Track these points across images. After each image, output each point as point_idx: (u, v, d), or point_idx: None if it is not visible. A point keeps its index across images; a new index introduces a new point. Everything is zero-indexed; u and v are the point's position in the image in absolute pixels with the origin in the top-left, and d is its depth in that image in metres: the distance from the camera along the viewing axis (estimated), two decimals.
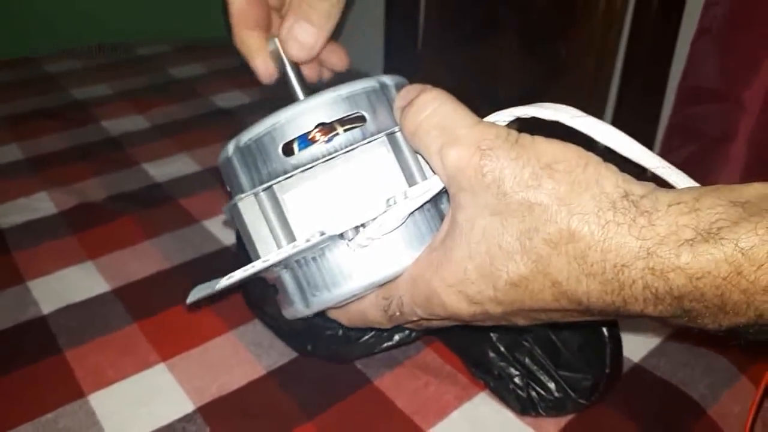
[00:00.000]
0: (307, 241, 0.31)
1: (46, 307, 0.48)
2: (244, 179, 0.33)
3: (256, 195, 0.32)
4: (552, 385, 0.39)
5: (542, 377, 0.39)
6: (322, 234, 0.31)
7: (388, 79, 0.34)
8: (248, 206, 0.32)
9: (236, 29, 0.36)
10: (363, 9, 1.12)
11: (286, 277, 0.33)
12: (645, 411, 0.40)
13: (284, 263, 0.33)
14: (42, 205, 0.61)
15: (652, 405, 0.41)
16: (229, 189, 0.35)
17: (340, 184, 0.31)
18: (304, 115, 0.31)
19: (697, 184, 0.29)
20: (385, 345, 0.42)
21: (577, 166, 0.27)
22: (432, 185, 0.30)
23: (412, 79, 0.35)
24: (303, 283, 0.33)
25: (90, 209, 0.60)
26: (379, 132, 0.32)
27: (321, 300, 0.33)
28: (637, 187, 0.26)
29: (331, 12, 0.36)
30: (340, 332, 0.42)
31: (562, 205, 0.26)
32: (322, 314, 0.36)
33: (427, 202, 0.31)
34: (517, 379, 0.40)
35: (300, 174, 0.31)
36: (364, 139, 0.31)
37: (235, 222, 0.33)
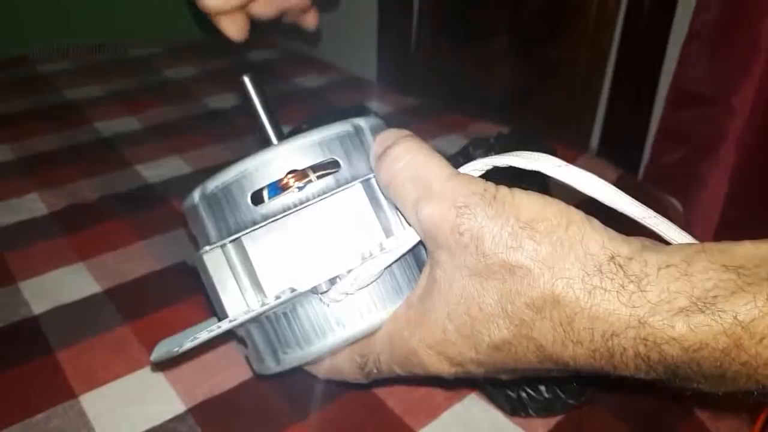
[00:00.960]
0: (277, 298, 0.29)
1: (37, 308, 0.48)
2: (210, 229, 0.31)
3: (222, 247, 0.30)
4: (542, 386, 0.39)
5: (532, 378, 0.40)
6: (293, 290, 0.29)
7: (363, 122, 0.32)
8: (214, 258, 0.30)
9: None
10: (356, 14, 1.13)
11: (256, 333, 0.32)
12: (634, 412, 0.41)
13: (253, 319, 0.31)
14: (33, 205, 0.61)
15: (642, 406, 0.41)
16: (194, 234, 0.33)
17: (313, 235, 0.29)
18: (274, 161, 0.29)
19: (684, 233, 0.28)
20: None
21: (558, 226, 0.25)
22: (410, 237, 0.29)
23: (406, 84, 0.35)
24: (273, 340, 0.31)
25: (82, 210, 0.60)
26: (354, 179, 0.30)
27: (292, 357, 0.31)
28: (624, 247, 0.25)
29: None
30: None
31: (544, 268, 0.25)
32: (297, 368, 0.34)
33: (404, 255, 0.30)
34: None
35: (269, 224, 0.29)
36: (338, 186, 0.30)
37: (201, 275, 0.31)
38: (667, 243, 0.27)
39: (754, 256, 0.23)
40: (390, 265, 0.30)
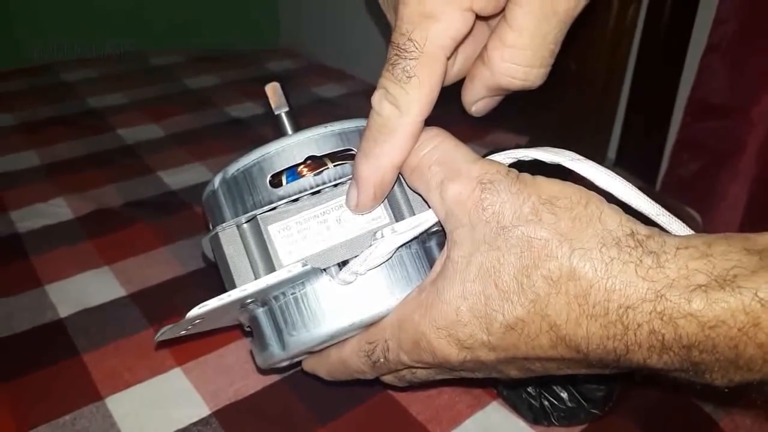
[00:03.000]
0: (289, 272, 0.29)
1: (64, 311, 0.48)
2: (227, 211, 0.31)
3: (238, 226, 0.31)
4: (564, 395, 0.39)
5: (555, 387, 0.39)
6: (305, 265, 0.29)
7: None
8: (229, 237, 0.31)
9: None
10: (374, 24, 1.14)
11: (262, 317, 0.32)
12: (657, 422, 0.41)
13: (262, 299, 0.31)
14: (59, 210, 0.62)
15: (665, 416, 0.41)
16: (210, 223, 0.33)
17: (326, 217, 0.31)
18: (294, 147, 0.31)
19: (689, 230, 0.28)
20: None
21: (578, 203, 0.26)
22: (421, 221, 0.30)
23: None
24: (280, 322, 0.31)
25: (106, 215, 0.61)
26: None
27: (299, 341, 0.31)
28: (642, 228, 0.25)
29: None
30: None
31: (563, 240, 0.25)
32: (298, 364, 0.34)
33: (415, 238, 0.30)
34: (529, 389, 0.40)
35: (285, 206, 0.31)
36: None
37: (214, 254, 0.32)
38: None
39: None
40: (400, 248, 0.30)
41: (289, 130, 0.34)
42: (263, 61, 1.08)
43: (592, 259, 0.24)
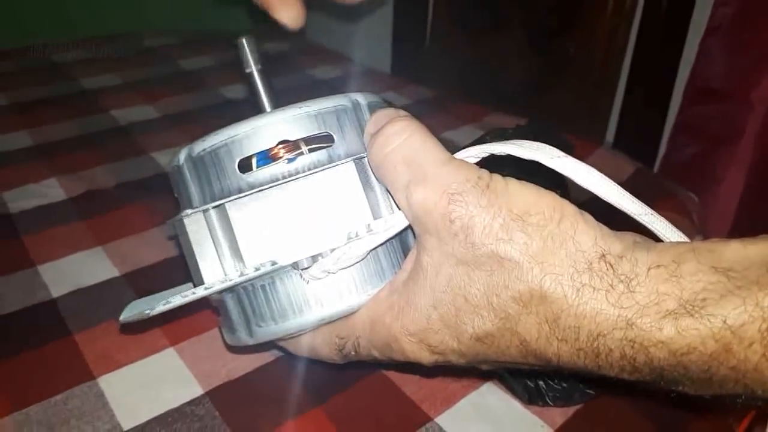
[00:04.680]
0: (257, 269, 0.28)
1: (56, 291, 0.48)
2: (194, 192, 0.30)
3: (205, 212, 0.29)
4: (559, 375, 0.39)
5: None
6: (274, 264, 0.28)
7: (361, 98, 0.31)
8: (195, 223, 0.29)
9: None
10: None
11: (230, 303, 0.31)
12: (652, 401, 0.40)
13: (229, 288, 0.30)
14: (51, 191, 0.61)
15: (659, 396, 0.41)
16: (178, 199, 0.32)
17: (299, 210, 0.29)
18: (265, 129, 0.28)
19: (678, 232, 0.28)
20: None
21: (551, 219, 0.25)
22: (398, 221, 0.28)
23: (420, 75, 0.35)
24: (248, 312, 0.30)
25: (99, 196, 0.61)
26: (347, 155, 0.29)
27: (266, 332, 0.30)
28: (616, 245, 0.24)
29: None
30: None
31: (534, 263, 0.24)
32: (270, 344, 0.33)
33: (392, 238, 0.29)
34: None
35: (255, 194, 0.28)
36: (330, 161, 0.29)
37: (179, 238, 0.30)
38: (659, 240, 0.27)
39: (743, 258, 0.23)
40: (375, 248, 0.29)
41: (261, 92, 0.33)
42: (259, 42, 1.07)
43: (563, 284, 0.24)
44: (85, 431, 0.37)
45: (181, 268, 0.51)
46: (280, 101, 0.33)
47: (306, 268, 0.29)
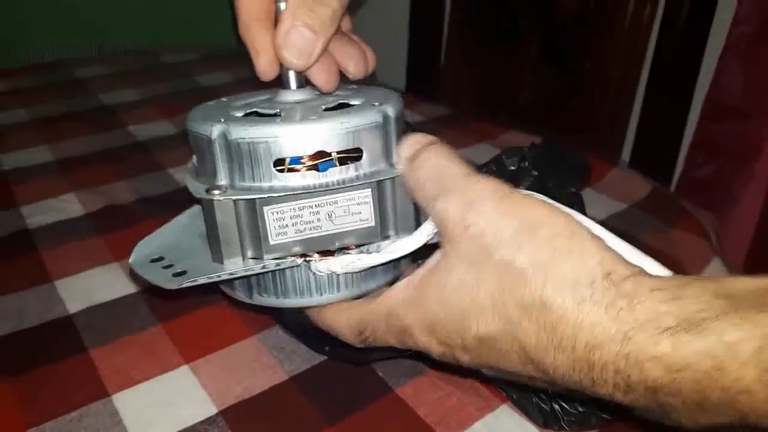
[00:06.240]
0: (277, 264, 0.32)
1: (72, 306, 0.48)
2: (221, 169, 0.32)
3: (235, 202, 0.31)
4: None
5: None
6: (293, 262, 0.33)
7: (391, 111, 0.33)
8: (225, 208, 0.32)
9: (243, 22, 0.34)
10: (387, 23, 1.13)
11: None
12: (667, 427, 0.40)
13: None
14: (70, 206, 0.62)
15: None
16: (197, 157, 0.34)
17: (318, 210, 0.32)
18: (306, 138, 0.31)
19: (668, 272, 0.28)
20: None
21: (561, 235, 0.26)
22: (407, 246, 0.32)
23: (436, 92, 0.35)
24: (253, 283, 0.34)
25: (117, 211, 0.61)
26: (371, 170, 0.32)
27: (265, 301, 0.35)
28: (622, 268, 0.25)
29: (334, 17, 0.33)
30: None
31: (538, 272, 0.25)
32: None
33: (397, 259, 0.33)
34: (540, 392, 0.39)
35: (287, 196, 0.31)
36: (356, 176, 0.32)
37: (205, 213, 0.33)
38: None
39: (746, 288, 0.23)
40: (380, 265, 0.33)
41: (293, 79, 0.35)
42: None
43: (564, 295, 0.25)
44: None
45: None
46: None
47: (315, 261, 0.33)
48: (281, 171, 0.31)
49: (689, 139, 0.89)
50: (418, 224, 0.34)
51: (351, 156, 0.32)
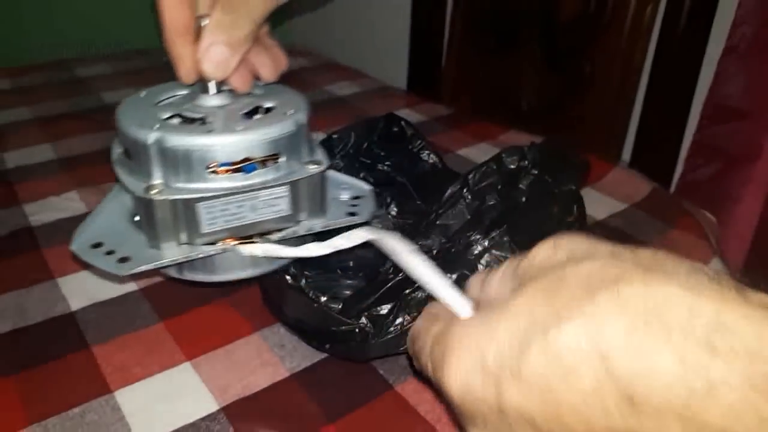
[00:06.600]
0: (214, 250, 0.38)
1: (75, 304, 0.49)
2: (156, 170, 0.36)
3: (172, 200, 0.36)
4: None
5: None
6: (224, 247, 0.38)
7: (303, 117, 0.39)
8: (163, 205, 0.36)
9: (169, 35, 0.38)
10: (388, 23, 1.13)
11: None
12: None
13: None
14: (72, 204, 0.62)
15: None
16: (130, 153, 0.38)
17: (243, 203, 0.38)
18: (235, 146, 0.36)
19: (466, 303, 0.29)
20: (404, 348, 0.42)
21: None
22: (315, 251, 0.37)
23: (437, 93, 0.36)
24: (184, 262, 0.39)
25: None
26: (287, 171, 0.38)
27: (193, 276, 0.40)
28: None
29: (249, 36, 0.38)
30: (357, 329, 0.42)
31: None
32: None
33: (308, 257, 0.38)
34: None
35: (219, 195, 0.37)
36: (275, 177, 0.38)
37: (143, 210, 0.37)
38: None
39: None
40: (293, 258, 0.40)
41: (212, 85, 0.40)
42: None
43: None
44: None
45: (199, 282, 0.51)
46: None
47: (242, 250, 0.39)
48: (212, 173, 0.36)
49: (689, 140, 0.89)
50: (324, 209, 0.42)
51: (271, 159, 0.37)
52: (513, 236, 0.41)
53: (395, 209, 0.53)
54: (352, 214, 0.43)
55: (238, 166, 0.37)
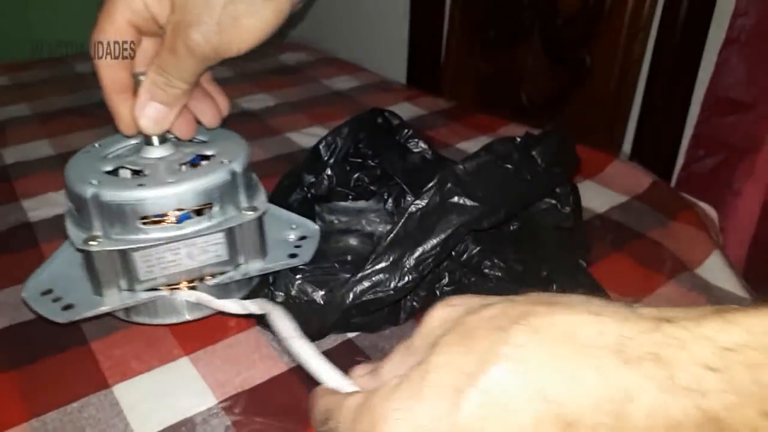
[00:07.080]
0: (149, 298, 0.40)
1: None
2: (96, 223, 0.39)
3: (109, 251, 0.38)
4: None
5: None
6: (160, 294, 0.40)
7: (238, 166, 0.41)
8: (100, 255, 0.38)
9: (107, 93, 0.40)
10: (387, 16, 1.13)
11: None
12: None
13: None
14: None
15: None
16: (69, 199, 0.40)
17: (179, 251, 0.39)
18: (166, 199, 0.38)
19: (340, 377, 0.32)
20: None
21: None
22: (241, 308, 0.40)
23: (436, 86, 0.36)
24: (130, 307, 0.41)
25: None
26: (222, 219, 0.40)
27: (140, 320, 0.42)
28: None
29: (185, 94, 0.39)
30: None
31: None
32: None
33: (240, 314, 0.41)
34: None
35: (154, 245, 0.39)
36: (209, 225, 0.39)
37: (85, 257, 0.40)
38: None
39: None
40: (226, 312, 0.42)
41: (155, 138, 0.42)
42: (276, 54, 1.08)
43: None
44: None
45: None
46: (295, 110, 0.40)
47: (178, 296, 0.41)
48: (146, 224, 0.38)
49: (690, 132, 0.89)
50: (264, 252, 0.43)
51: (206, 207, 0.39)
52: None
53: (391, 204, 0.53)
54: (293, 255, 0.43)
55: (172, 218, 0.39)
